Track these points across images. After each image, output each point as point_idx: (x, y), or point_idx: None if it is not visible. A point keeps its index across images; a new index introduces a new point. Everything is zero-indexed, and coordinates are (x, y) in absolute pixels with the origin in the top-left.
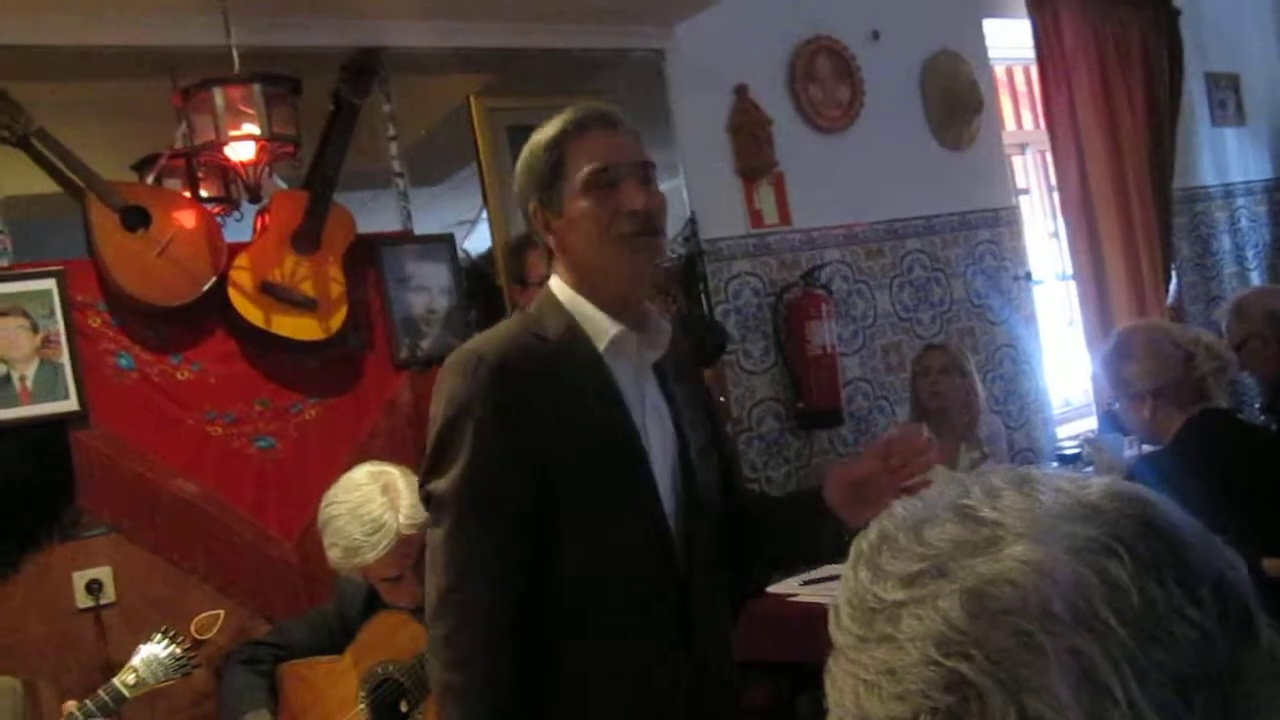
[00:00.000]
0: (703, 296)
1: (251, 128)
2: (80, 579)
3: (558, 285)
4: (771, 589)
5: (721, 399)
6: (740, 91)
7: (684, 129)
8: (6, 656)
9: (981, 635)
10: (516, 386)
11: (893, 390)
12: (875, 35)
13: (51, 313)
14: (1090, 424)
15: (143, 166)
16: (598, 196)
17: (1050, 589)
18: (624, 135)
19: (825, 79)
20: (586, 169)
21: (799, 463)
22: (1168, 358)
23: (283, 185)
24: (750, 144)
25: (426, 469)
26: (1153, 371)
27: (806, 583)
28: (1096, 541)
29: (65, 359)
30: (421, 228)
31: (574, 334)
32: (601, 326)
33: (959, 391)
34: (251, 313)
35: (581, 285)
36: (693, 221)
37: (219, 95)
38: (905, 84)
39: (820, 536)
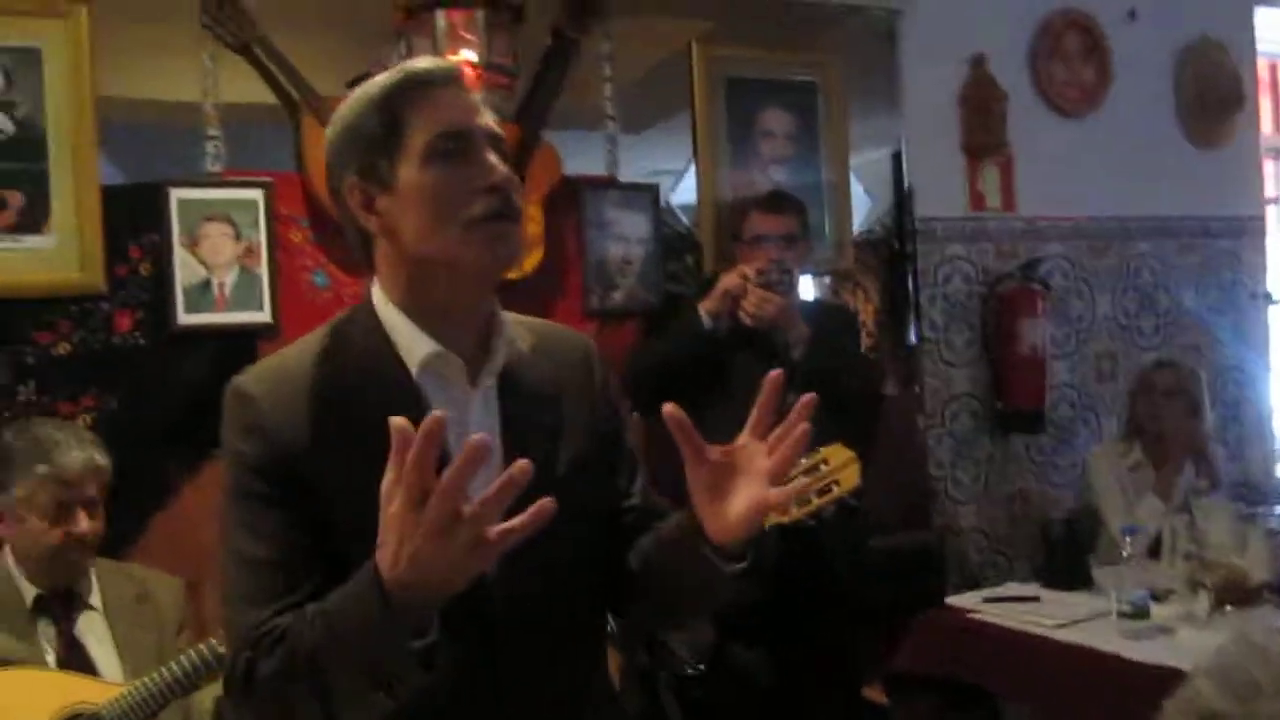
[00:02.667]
0: (909, 279)
1: (469, 54)
2: None
3: (376, 290)
4: (951, 600)
5: (917, 389)
6: (977, 62)
7: (910, 97)
8: (175, 557)
9: None
10: (271, 428)
11: (1101, 401)
12: (1132, 14)
13: (256, 223)
14: None
15: (356, 84)
16: (447, 167)
17: None
18: (475, 99)
19: (1071, 57)
20: (434, 131)
21: (990, 466)
22: None
23: (492, 117)
24: (981, 120)
25: None
26: None
27: (989, 600)
28: None
29: (264, 270)
30: (622, 174)
31: (381, 354)
32: (414, 345)
33: (1182, 417)
34: None
35: (406, 286)
36: (909, 196)
37: (441, 18)
38: (1158, 70)
39: (686, 574)
